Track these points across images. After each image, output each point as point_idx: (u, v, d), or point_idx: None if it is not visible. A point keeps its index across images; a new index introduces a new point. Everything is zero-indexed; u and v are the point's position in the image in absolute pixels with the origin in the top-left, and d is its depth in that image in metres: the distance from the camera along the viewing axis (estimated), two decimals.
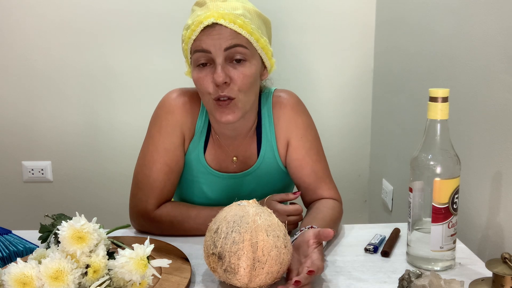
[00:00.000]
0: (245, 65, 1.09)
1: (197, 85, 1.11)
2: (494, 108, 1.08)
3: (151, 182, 1.17)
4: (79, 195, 2.11)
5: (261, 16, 1.14)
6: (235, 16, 1.06)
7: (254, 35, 1.09)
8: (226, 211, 0.91)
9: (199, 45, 1.07)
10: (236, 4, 1.09)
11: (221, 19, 1.05)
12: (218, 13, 1.06)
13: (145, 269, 0.81)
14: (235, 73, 1.08)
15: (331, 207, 1.17)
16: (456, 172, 0.96)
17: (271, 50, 1.14)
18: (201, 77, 1.09)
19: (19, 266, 0.79)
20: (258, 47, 1.11)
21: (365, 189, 2.15)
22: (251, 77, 1.10)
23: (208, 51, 1.06)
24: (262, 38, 1.11)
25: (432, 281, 0.83)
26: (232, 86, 1.08)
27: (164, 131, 1.18)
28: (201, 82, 1.09)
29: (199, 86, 1.10)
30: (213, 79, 1.07)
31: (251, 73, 1.10)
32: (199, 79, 1.09)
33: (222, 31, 1.06)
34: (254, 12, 1.12)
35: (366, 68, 2.02)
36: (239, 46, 1.07)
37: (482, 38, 1.13)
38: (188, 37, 1.08)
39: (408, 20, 1.62)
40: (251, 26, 1.08)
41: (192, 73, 1.11)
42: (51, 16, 1.94)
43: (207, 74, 1.08)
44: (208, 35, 1.06)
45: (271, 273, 0.86)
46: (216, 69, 1.06)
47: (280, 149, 1.23)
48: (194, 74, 1.10)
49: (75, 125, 2.04)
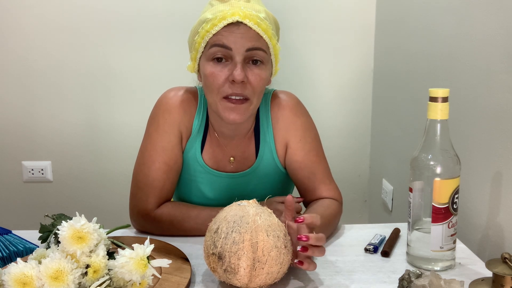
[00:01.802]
0: (261, 67, 1.10)
1: (209, 79, 1.09)
2: (494, 108, 1.08)
3: (151, 182, 1.17)
4: (79, 195, 2.11)
5: (277, 23, 1.16)
6: (259, 19, 1.07)
7: (272, 41, 1.11)
8: (226, 211, 0.91)
9: (220, 39, 1.07)
10: (259, 7, 1.10)
11: (246, 19, 1.06)
12: (243, 12, 1.06)
13: (145, 269, 0.81)
14: (252, 74, 1.08)
15: (326, 206, 1.17)
16: (456, 172, 0.96)
17: (279, 58, 1.15)
18: (215, 72, 1.08)
19: (19, 266, 0.79)
20: (272, 54, 1.12)
21: (365, 189, 2.15)
22: (265, 80, 1.11)
23: (229, 47, 1.06)
24: (277, 44, 1.13)
25: (432, 281, 0.83)
26: (248, 86, 1.08)
27: (161, 130, 1.18)
28: (215, 77, 1.08)
29: (211, 80, 1.09)
30: (230, 75, 1.07)
31: (266, 76, 1.11)
32: (213, 73, 1.08)
33: (246, 31, 1.06)
34: (272, 18, 1.14)
35: (366, 68, 2.02)
36: (260, 49, 1.08)
37: (482, 38, 1.13)
38: (207, 30, 1.07)
39: (408, 20, 1.62)
40: (271, 32, 1.09)
41: (204, 66, 1.10)
42: (51, 16, 1.94)
43: (222, 70, 1.08)
44: (231, 32, 1.06)
45: (271, 273, 0.86)
46: (236, 67, 1.06)
47: (278, 150, 1.23)
48: (208, 68, 1.09)
49: (75, 125, 2.04)
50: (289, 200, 0.95)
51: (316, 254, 0.90)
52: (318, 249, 0.90)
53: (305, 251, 0.89)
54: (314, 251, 0.90)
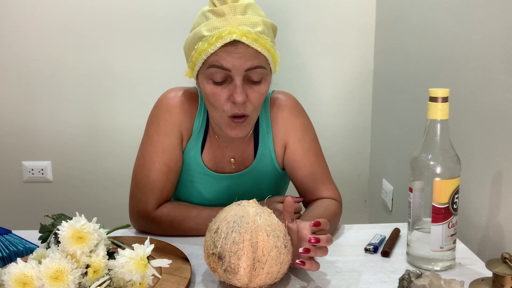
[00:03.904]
0: (261, 84, 1.08)
1: (211, 100, 1.09)
2: (494, 108, 1.08)
3: (151, 182, 1.17)
4: (79, 195, 2.11)
5: (273, 26, 1.13)
6: (256, 35, 1.04)
7: (271, 52, 1.08)
8: (226, 211, 0.91)
9: (217, 60, 1.04)
10: (256, 19, 1.06)
11: (243, 37, 1.02)
12: (240, 30, 1.02)
13: (145, 269, 0.81)
14: (252, 93, 1.07)
15: (325, 206, 1.17)
16: (456, 172, 0.96)
17: (278, 61, 1.14)
18: (216, 93, 1.07)
19: (19, 266, 0.79)
20: (272, 62, 1.11)
21: (365, 189, 2.15)
22: (265, 94, 1.11)
23: (228, 69, 1.04)
24: (275, 53, 1.10)
25: (432, 281, 0.83)
26: (248, 104, 1.08)
27: (162, 131, 1.18)
28: (216, 97, 1.07)
29: (213, 100, 1.08)
30: (231, 97, 1.06)
31: (266, 90, 1.10)
32: (214, 95, 1.07)
33: (244, 50, 1.03)
34: (269, 25, 1.11)
35: (366, 68, 2.02)
36: (259, 67, 1.06)
37: (482, 38, 1.13)
38: (203, 49, 1.04)
39: (408, 20, 1.62)
40: (269, 44, 1.07)
41: (204, 85, 1.09)
42: (50, 16, 1.94)
43: (222, 90, 1.07)
44: (228, 53, 1.03)
45: (271, 273, 0.86)
46: (237, 89, 1.05)
47: (277, 150, 1.23)
48: (208, 88, 1.08)
49: (75, 125, 2.04)
50: (288, 201, 0.94)
51: (319, 255, 0.90)
52: (321, 249, 0.90)
53: (307, 252, 0.88)
54: (317, 251, 0.89)
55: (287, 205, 0.94)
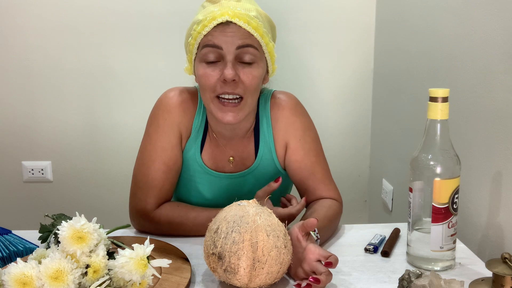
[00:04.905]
0: (253, 66, 1.10)
1: (202, 80, 1.11)
2: (494, 108, 1.08)
3: (150, 181, 1.17)
4: (79, 195, 2.11)
5: (270, 21, 1.16)
6: (249, 17, 1.08)
7: (265, 39, 1.11)
8: (226, 211, 0.91)
9: (210, 40, 1.08)
10: (250, 6, 1.11)
11: (235, 18, 1.06)
12: (233, 12, 1.07)
13: (145, 269, 0.81)
14: (243, 73, 1.09)
15: (327, 206, 1.17)
16: (456, 172, 0.96)
17: (275, 56, 1.16)
18: (208, 73, 1.09)
19: (19, 266, 0.79)
20: (266, 51, 1.13)
21: (365, 189, 2.15)
22: (258, 78, 1.11)
23: (220, 47, 1.07)
24: (270, 42, 1.12)
25: (432, 281, 0.83)
26: (240, 85, 1.09)
27: (161, 130, 1.18)
28: (207, 78, 1.09)
29: (204, 81, 1.10)
30: (222, 75, 1.07)
31: (259, 74, 1.11)
32: (205, 74, 1.09)
33: (236, 30, 1.07)
34: (265, 16, 1.14)
35: (366, 68, 2.02)
36: (251, 46, 1.08)
37: (482, 38, 1.13)
38: (198, 32, 1.09)
39: (408, 20, 1.62)
40: (263, 29, 1.09)
41: (197, 68, 1.11)
42: (50, 16, 1.94)
43: (214, 70, 1.09)
44: (221, 32, 1.07)
45: (271, 273, 0.86)
46: (227, 66, 1.07)
47: (278, 150, 1.23)
48: (200, 69, 1.10)
49: (75, 125, 2.04)
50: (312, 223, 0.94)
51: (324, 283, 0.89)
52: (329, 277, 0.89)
53: (317, 282, 0.87)
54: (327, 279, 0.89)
55: (309, 225, 0.94)
